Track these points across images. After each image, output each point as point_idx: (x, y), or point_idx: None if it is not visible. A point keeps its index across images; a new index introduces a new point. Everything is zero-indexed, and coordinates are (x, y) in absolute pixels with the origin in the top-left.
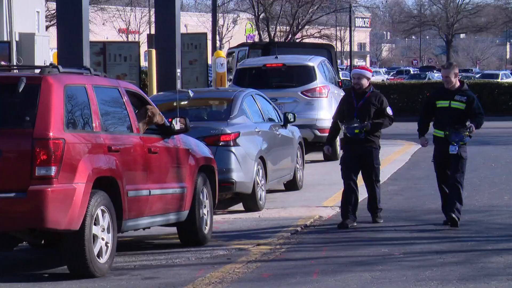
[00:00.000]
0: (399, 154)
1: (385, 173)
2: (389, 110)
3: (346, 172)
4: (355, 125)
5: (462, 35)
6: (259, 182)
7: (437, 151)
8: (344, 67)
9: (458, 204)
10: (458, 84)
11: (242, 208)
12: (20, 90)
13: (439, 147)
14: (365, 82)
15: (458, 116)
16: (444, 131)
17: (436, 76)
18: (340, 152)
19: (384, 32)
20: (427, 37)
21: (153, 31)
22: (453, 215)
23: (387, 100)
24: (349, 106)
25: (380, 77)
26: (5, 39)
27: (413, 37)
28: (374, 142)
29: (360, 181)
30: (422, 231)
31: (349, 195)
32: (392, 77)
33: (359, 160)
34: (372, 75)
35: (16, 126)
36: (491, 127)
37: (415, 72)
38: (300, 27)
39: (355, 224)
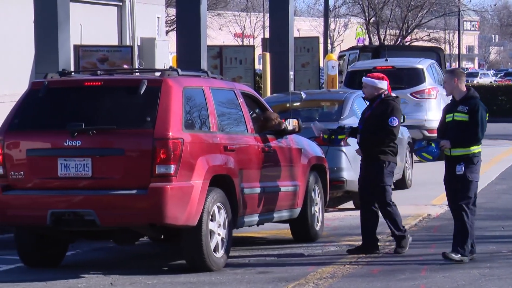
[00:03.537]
0: (507, 154)
1: (492, 172)
2: (391, 121)
3: (360, 193)
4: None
5: None
6: None
7: (445, 171)
8: None
9: (461, 237)
10: (464, 92)
11: (352, 206)
12: (142, 92)
13: (447, 166)
14: (371, 91)
15: (462, 130)
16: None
17: None
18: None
19: (493, 35)
20: None
21: (267, 35)
22: (450, 255)
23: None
24: (362, 117)
25: (488, 79)
26: (128, 43)
27: None
28: (378, 157)
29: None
30: None
31: (364, 220)
32: (500, 79)
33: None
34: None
35: (137, 127)
36: None
37: None
38: (409, 31)
39: (378, 251)
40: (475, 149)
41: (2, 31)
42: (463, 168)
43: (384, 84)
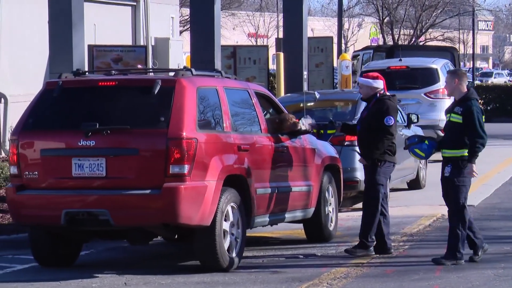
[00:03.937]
0: None
1: (507, 173)
2: (387, 120)
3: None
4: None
5: None
6: None
7: (441, 173)
8: (467, 70)
9: (453, 241)
10: (463, 93)
11: None
12: (156, 92)
13: (442, 169)
14: (367, 91)
15: (457, 132)
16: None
17: None
18: None
19: (507, 35)
20: None
21: (281, 35)
22: (442, 260)
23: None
24: (360, 117)
25: (503, 79)
26: (142, 43)
27: None
28: (371, 156)
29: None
30: None
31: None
32: None
33: None
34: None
35: (151, 126)
36: None
37: None
38: (423, 30)
39: (371, 252)
40: (464, 152)
41: (16, 31)
42: (450, 170)
43: (379, 83)
